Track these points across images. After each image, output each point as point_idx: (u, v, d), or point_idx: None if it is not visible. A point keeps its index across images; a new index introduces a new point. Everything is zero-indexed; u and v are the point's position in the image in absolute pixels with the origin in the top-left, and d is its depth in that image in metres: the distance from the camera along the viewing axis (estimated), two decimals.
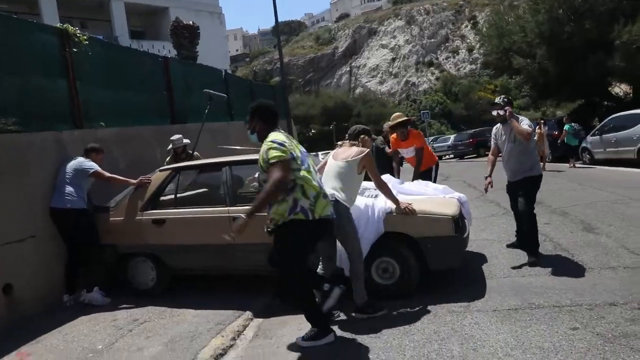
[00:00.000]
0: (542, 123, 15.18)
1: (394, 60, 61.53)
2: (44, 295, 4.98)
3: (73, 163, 5.20)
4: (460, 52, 56.86)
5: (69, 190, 5.03)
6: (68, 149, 5.51)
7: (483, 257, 5.46)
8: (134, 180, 5.24)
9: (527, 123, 5.09)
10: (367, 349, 3.49)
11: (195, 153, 6.93)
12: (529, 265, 4.94)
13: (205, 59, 14.27)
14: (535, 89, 22.92)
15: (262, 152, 3.45)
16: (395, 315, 4.03)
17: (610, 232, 5.97)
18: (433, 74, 56.91)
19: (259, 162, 3.49)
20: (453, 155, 27.69)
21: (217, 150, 7.10)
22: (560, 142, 15.28)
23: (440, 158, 20.99)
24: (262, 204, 3.37)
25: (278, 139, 3.41)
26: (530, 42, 19.01)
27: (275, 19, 17.49)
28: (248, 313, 4.50)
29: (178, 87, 8.55)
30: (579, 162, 15.02)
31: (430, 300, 4.23)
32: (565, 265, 4.89)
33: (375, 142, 10.61)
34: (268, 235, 3.61)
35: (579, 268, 4.78)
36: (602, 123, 14.76)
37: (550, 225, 6.55)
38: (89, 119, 6.08)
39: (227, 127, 10.30)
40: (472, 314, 3.91)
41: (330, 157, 4.34)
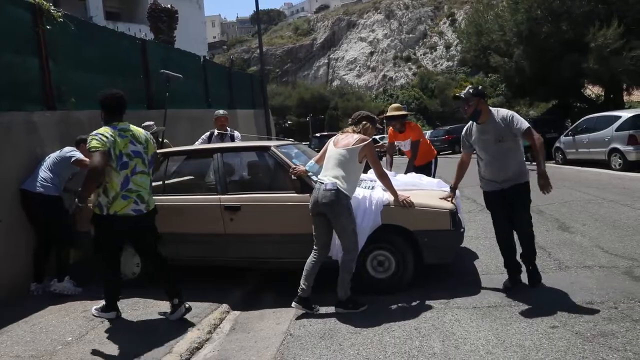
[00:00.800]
0: None
1: (372, 54, 61.61)
2: (11, 283, 4.76)
3: (59, 151, 5.04)
4: (438, 48, 57.34)
5: (45, 176, 4.85)
6: (40, 132, 5.26)
7: (462, 254, 5.46)
8: None
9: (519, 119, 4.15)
10: (348, 345, 3.44)
11: (165, 141, 6.68)
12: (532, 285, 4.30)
13: (183, 45, 13.93)
14: (511, 88, 23.25)
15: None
16: (376, 311, 3.98)
17: (585, 231, 6.07)
18: (410, 69, 57.22)
19: None
20: None
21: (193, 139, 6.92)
22: None
23: None
24: (82, 191, 3.65)
25: (100, 133, 3.72)
26: (509, 41, 19.23)
27: (256, 7, 17.20)
28: (225, 306, 4.40)
29: (156, 71, 8.29)
30: (552, 161, 15.29)
31: (410, 297, 4.21)
32: (543, 264, 4.93)
33: None
34: None
35: (556, 266, 4.84)
36: (575, 124, 15.05)
37: None
38: (62, 101, 5.82)
39: (203, 114, 10.07)
40: (452, 311, 3.90)
41: (331, 143, 4.23)
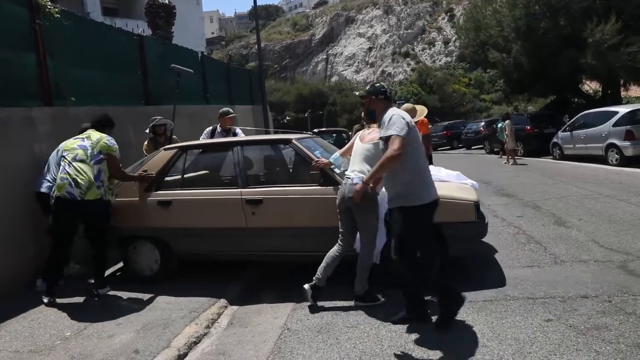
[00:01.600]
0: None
1: (371, 50, 61.42)
2: (9, 279, 4.75)
3: None
4: (437, 44, 57.11)
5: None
6: (39, 128, 5.27)
7: None
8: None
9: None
10: (344, 339, 3.47)
11: (174, 137, 6.68)
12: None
13: (181, 40, 13.83)
14: (509, 84, 23.27)
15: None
16: (372, 306, 4.01)
17: (581, 226, 6.11)
18: (409, 65, 57.02)
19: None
20: None
21: (195, 135, 6.90)
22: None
23: None
24: None
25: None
26: (507, 36, 19.22)
27: (254, 2, 17.15)
28: (223, 300, 4.42)
29: (153, 67, 8.29)
30: (549, 157, 15.33)
31: None
32: (539, 258, 4.98)
33: (353, 129, 10.61)
34: None
35: (552, 261, 4.87)
36: (572, 119, 15.08)
37: (523, 218, 6.65)
38: (60, 97, 5.81)
39: (202, 110, 10.08)
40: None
41: (357, 139, 4.22)
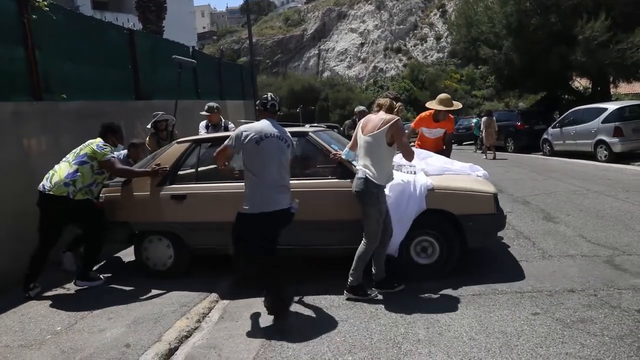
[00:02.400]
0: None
1: (363, 45, 61.35)
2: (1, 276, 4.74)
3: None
4: (429, 40, 57.18)
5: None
6: (29, 122, 5.24)
7: None
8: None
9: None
10: (335, 333, 3.50)
11: (176, 132, 6.65)
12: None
13: (172, 35, 13.78)
14: (500, 80, 23.40)
15: None
16: (361, 300, 4.04)
17: (569, 221, 6.18)
18: (401, 61, 57.04)
19: None
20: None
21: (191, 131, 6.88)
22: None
23: None
24: None
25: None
26: (498, 32, 19.31)
27: None
28: (214, 295, 4.44)
29: (144, 61, 8.24)
30: (539, 153, 15.45)
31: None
32: (527, 253, 5.04)
33: (344, 125, 10.59)
34: None
35: (540, 255, 4.93)
36: (562, 116, 15.22)
37: (513, 214, 6.71)
38: (49, 92, 5.78)
39: (193, 105, 10.02)
40: (436, 299, 3.98)
41: (360, 130, 4.13)
